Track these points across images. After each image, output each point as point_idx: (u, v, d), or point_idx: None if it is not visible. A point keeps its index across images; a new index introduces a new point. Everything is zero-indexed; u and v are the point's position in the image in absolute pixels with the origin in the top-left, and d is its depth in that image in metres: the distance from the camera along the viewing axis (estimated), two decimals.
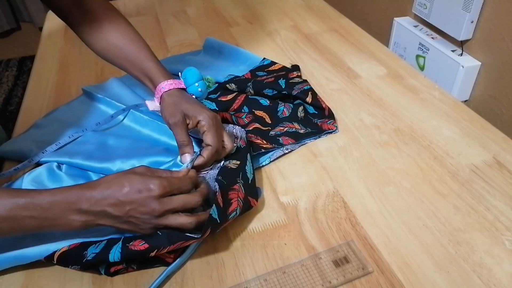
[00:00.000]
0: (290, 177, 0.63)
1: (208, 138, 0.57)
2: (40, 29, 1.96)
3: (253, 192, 0.57)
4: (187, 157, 0.57)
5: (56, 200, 0.45)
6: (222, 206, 0.51)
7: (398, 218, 0.56)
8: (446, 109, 0.77)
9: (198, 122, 0.58)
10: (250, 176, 0.58)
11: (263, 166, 0.65)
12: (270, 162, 0.66)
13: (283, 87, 0.76)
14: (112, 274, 0.50)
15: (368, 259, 0.51)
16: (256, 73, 0.87)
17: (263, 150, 0.66)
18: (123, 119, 0.74)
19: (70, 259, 0.48)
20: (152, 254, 0.47)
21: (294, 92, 0.75)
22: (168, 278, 0.50)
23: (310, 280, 0.48)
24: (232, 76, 0.83)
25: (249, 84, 0.78)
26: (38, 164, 0.64)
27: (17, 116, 0.79)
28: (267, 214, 0.57)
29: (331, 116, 0.73)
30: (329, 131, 0.71)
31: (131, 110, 0.75)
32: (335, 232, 0.55)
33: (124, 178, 0.47)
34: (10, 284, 0.50)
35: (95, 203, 0.45)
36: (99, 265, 0.49)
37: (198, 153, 0.57)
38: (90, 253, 0.48)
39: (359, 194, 0.60)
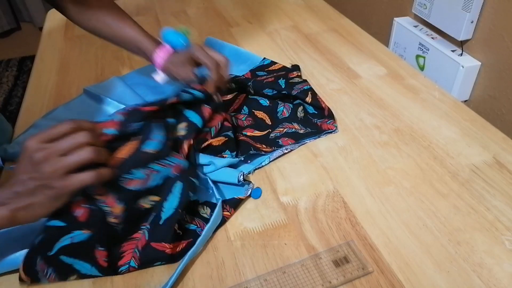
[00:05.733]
0: (290, 177, 0.63)
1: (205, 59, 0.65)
2: (40, 29, 1.96)
3: (165, 235, 0.51)
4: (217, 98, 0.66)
5: None
6: (107, 265, 0.49)
7: (398, 218, 0.56)
8: (446, 109, 0.77)
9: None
10: (168, 213, 0.52)
11: (263, 166, 0.65)
12: (270, 162, 0.66)
13: (283, 87, 0.77)
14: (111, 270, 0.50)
15: (368, 259, 0.51)
16: (256, 72, 0.87)
17: (263, 153, 0.66)
18: None
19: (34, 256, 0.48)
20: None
21: (294, 92, 0.75)
22: (168, 277, 0.50)
23: (310, 280, 0.48)
24: (232, 76, 0.83)
25: (249, 83, 0.78)
26: None
27: (17, 116, 0.79)
28: (267, 214, 0.57)
29: (330, 116, 0.73)
30: (329, 131, 0.71)
31: None
32: (335, 232, 0.55)
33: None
34: (10, 284, 0.50)
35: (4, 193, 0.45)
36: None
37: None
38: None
39: (359, 194, 0.60)
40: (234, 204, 0.58)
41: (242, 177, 0.60)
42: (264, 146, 0.67)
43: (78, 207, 0.50)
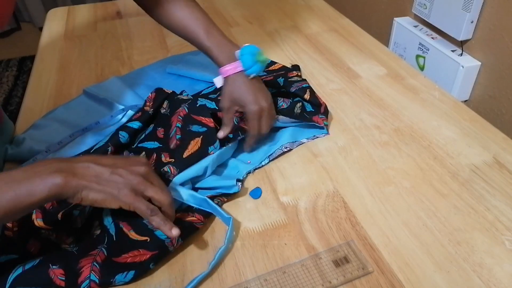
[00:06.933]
0: (290, 177, 0.63)
1: (248, 126, 0.65)
2: (40, 29, 1.96)
3: (123, 247, 0.49)
4: (221, 133, 0.64)
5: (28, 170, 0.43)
6: (64, 285, 0.47)
7: (398, 218, 0.56)
8: (446, 109, 0.77)
9: (245, 111, 0.65)
10: (112, 228, 0.52)
11: (263, 166, 0.65)
12: (270, 162, 0.66)
13: (282, 84, 0.77)
14: None
15: (368, 259, 0.51)
16: None
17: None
18: (121, 119, 0.74)
19: None
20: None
21: (293, 89, 0.75)
22: (168, 278, 0.50)
23: (310, 280, 0.48)
24: None
25: None
26: None
27: (17, 116, 0.78)
28: (267, 214, 0.57)
29: (325, 113, 0.73)
30: (319, 126, 0.70)
31: (129, 110, 0.75)
32: (335, 232, 0.55)
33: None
34: None
35: (75, 160, 0.45)
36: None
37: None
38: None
39: (359, 194, 0.60)
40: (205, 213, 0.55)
41: (240, 184, 0.60)
42: None
43: (31, 244, 0.50)
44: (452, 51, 1.20)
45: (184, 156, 0.61)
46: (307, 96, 0.74)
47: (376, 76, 0.87)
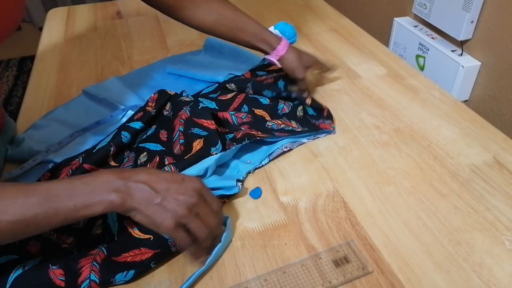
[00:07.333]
0: (290, 177, 0.63)
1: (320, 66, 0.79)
2: (40, 29, 1.96)
3: (124, 246, 0.50)
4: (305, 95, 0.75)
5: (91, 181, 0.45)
6: (64, 286, 0.47)
7: (398, 218, 0.56)
8: (446, 109, 0.77)
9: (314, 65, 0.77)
10: (115, 226, 0.53)
11: (263, 166, 0.65)
12: (270, 161, 0.66)
13: (282, 89, 0.77)
14: None
15: (368, 259, 0.51)
16: (256, 72, 0.86)
17: (258, 138, 0.66)
18: (121, 119, 0.74)
19: None
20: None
21: (294, 95, 0.75)
22: (168, 277, 0.50)
23: (310, 280, 0.48)
24: (232, 76, 0.83)
25: (249, 84, 0.78)
26: (40, 163, 0.64)
27: (17, 116, 0.78)
28: (267, 214, 0.57)
29: (329, 116, 0.73)
30: (326, 130, 0.71)
31: (129, 110, 0.75)
32: (335, 232, 0.55)
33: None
34: None
35: (132, 178, 0.46)
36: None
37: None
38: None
39: (359, 194, 0.60)
40: None
41: (241, 185, 0.60)
42: (259, 133, 0.67)
43: (31, 245, 0.50)
44: (452, 51, 1.20)
45: (186, 157, 0.61)
46: (308, 100, 0.74)
47: (376, 76, 0.87)
